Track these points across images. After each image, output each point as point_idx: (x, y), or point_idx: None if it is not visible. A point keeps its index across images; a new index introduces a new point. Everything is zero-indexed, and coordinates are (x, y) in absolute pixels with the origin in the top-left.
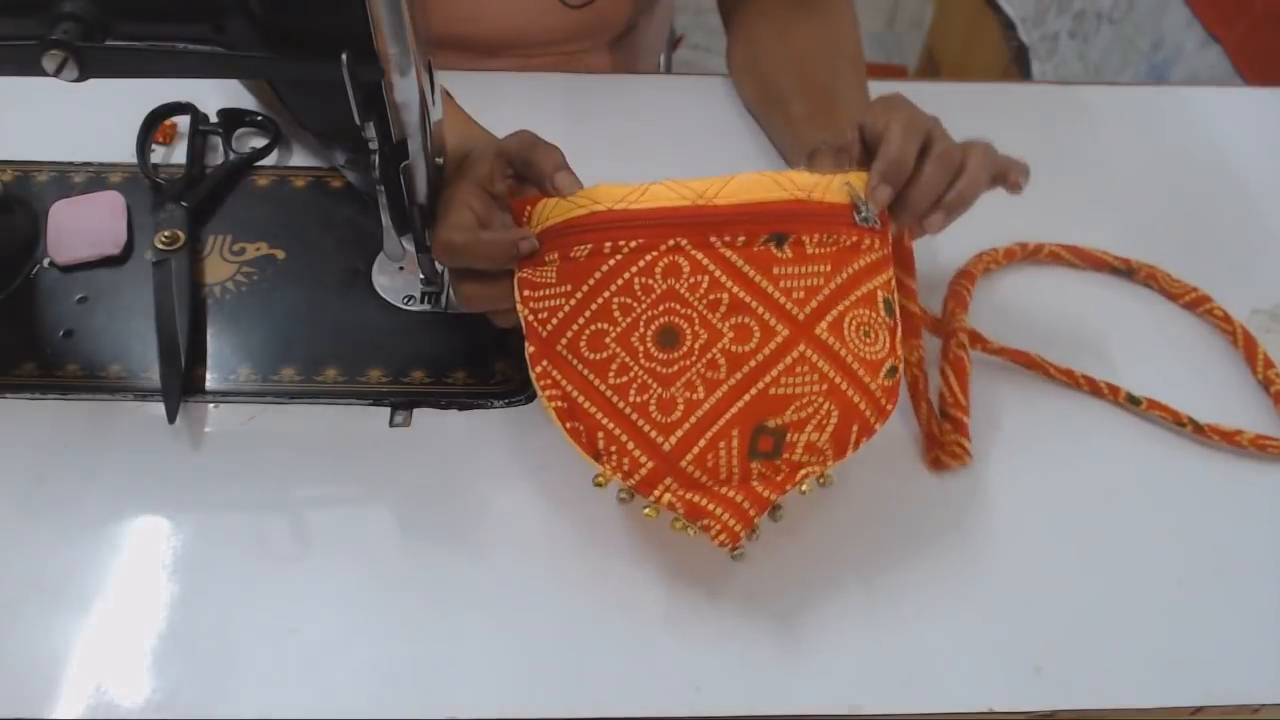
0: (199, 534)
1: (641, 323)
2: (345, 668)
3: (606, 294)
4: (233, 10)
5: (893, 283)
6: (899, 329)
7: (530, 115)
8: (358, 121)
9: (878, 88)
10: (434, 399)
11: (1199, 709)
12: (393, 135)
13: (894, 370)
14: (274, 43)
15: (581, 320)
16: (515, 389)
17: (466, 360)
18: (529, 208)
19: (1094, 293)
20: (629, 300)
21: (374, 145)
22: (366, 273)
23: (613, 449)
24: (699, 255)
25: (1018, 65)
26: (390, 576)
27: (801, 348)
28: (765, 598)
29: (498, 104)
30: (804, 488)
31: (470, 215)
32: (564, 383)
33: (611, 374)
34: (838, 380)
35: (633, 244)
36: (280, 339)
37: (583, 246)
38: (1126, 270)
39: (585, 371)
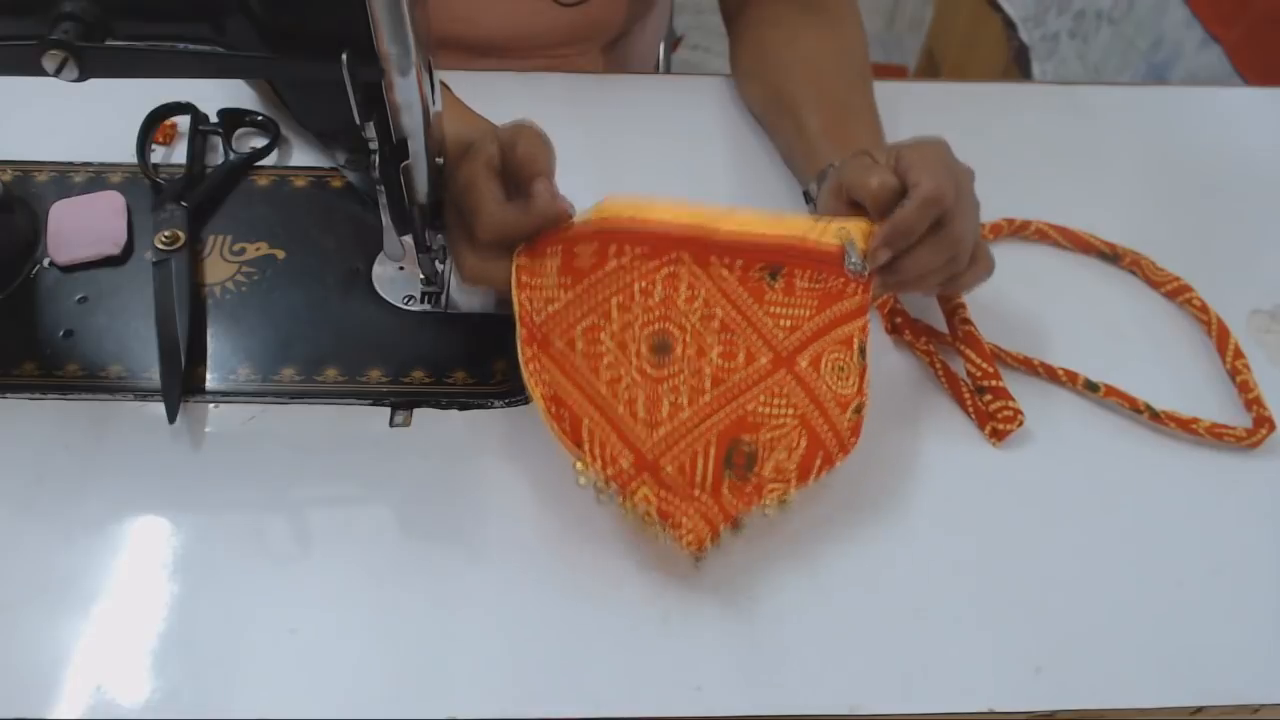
0: (199, 534)
1: (637, 324)
2: (345, 668)
3: (606, 292)
4: (233, 10)
5: (868, 328)
6: (868, 371)
7: (529, 115)
8: (358, 121)
9: (878, 88)
10: (434, 399)
11: (1199, 709)
12: (393, 135)
13: (860, 408)
14: (274, 43)
15: (578, 313)
16: (515, 389)
17: (466, 360)
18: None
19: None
20: (627, 300)
21: (374, 145)
22: (366, 273)
23: (595, 438)
24: (698, 272)
25: (1018, 65)
26: (390, 576)
27: (781, 374)
28: (765, 598)
29: (496, 104)
30: (767, 509)
31: (499, 192)
32: (555, 374)
33: (603, 369)
34: (810, 411)
35: (636, 250)
36: (280, 339)
37: (587, 245)
38: (1112, 255)
39: (577, 363)
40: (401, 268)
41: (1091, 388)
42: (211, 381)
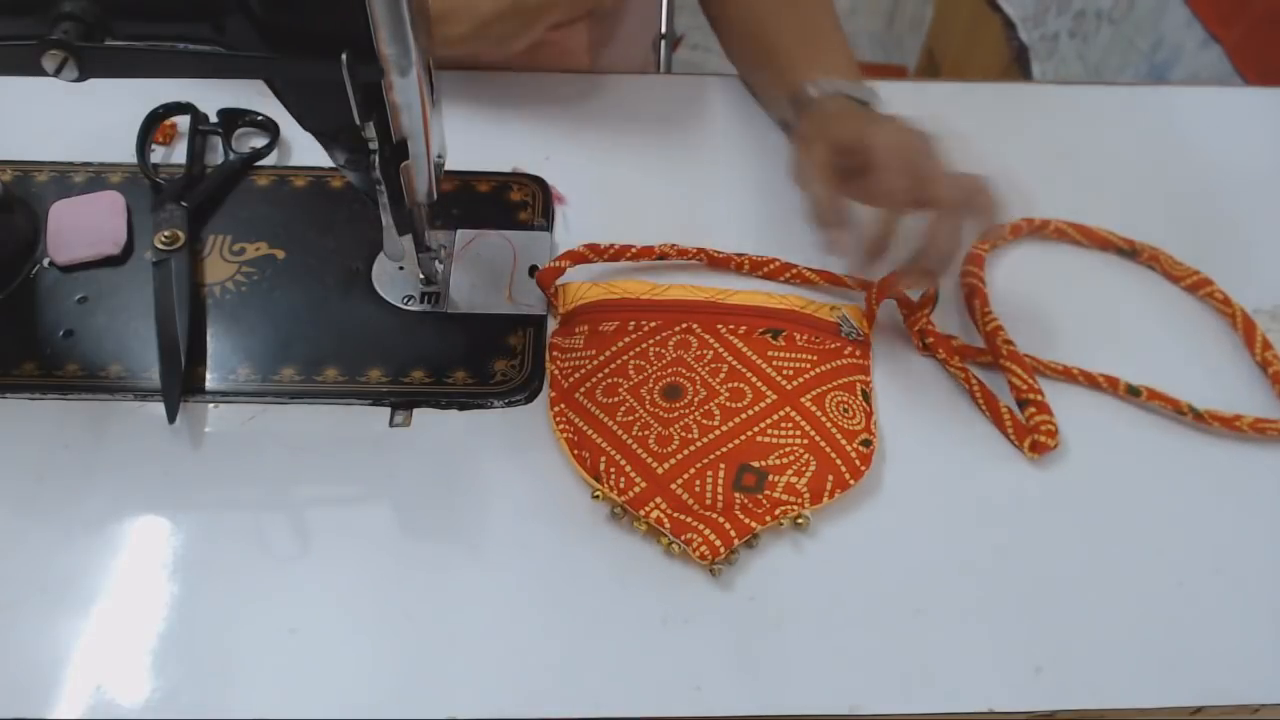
0: (199, 534)
1: (651, 379)
2: (345, 668)
3: (625, 357)
4: (233, 10)
5: (871, 382)
6: (874, 415)
7: (529, 114)
8: (357, 121)
9: (878, 88)
10: (434, 399)
11: (1199, 709)
12: (392, 135)
13: (868, 442)
14: (274, 43)
15: (600, 375)
16: (515, 389)
17: (466, 360)
18: (556, 281)
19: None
20: (643, 363)
21: (374, 145)
22: (366, 273)
23: (611, 470)
24: (707, 336)
25: (1018, 65)
26: (390, 576)
27: (787, 409)
28: (765, 598)
29: (495, 103)
30: (783, 523)
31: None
32: (576, 420)
33: (620, 414)
34: (817, 439)
35: (652, 324)
36: (280, 339)
37: (610, 323)
38: (1130, 251)
39: (596, 411)
40: (401, 268)
41: (1133, 392)
42: (211, 381)
